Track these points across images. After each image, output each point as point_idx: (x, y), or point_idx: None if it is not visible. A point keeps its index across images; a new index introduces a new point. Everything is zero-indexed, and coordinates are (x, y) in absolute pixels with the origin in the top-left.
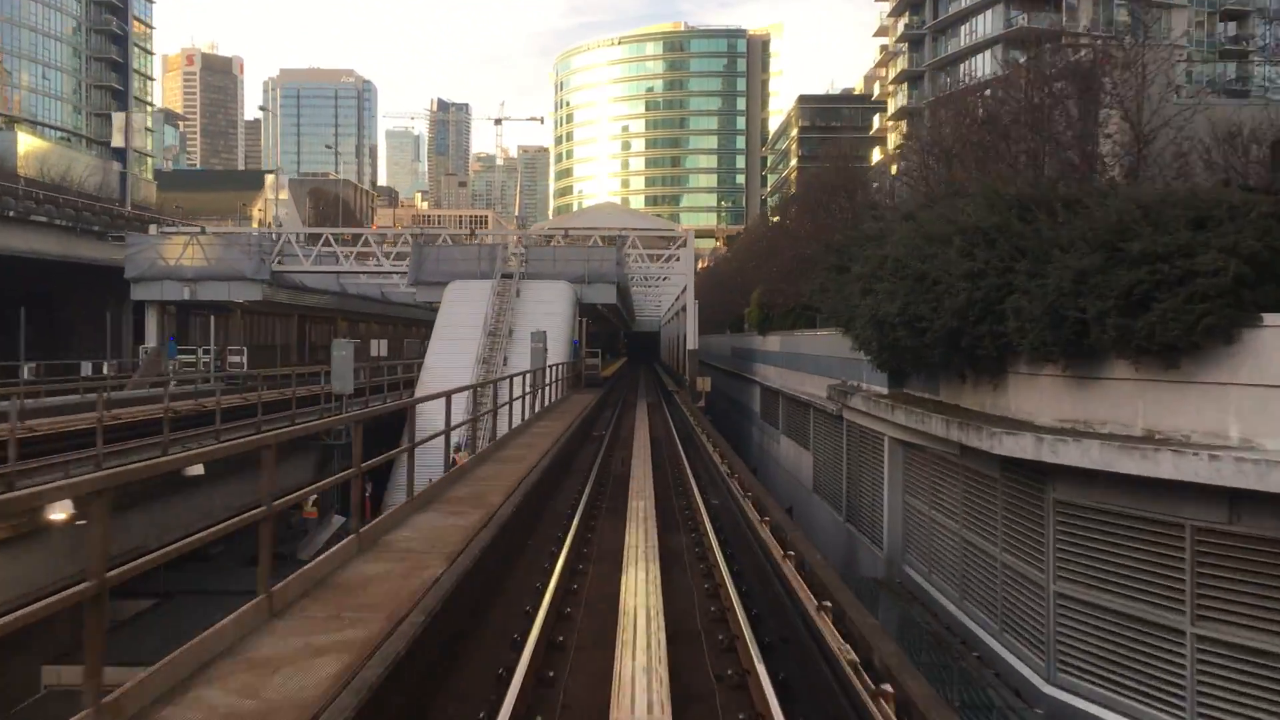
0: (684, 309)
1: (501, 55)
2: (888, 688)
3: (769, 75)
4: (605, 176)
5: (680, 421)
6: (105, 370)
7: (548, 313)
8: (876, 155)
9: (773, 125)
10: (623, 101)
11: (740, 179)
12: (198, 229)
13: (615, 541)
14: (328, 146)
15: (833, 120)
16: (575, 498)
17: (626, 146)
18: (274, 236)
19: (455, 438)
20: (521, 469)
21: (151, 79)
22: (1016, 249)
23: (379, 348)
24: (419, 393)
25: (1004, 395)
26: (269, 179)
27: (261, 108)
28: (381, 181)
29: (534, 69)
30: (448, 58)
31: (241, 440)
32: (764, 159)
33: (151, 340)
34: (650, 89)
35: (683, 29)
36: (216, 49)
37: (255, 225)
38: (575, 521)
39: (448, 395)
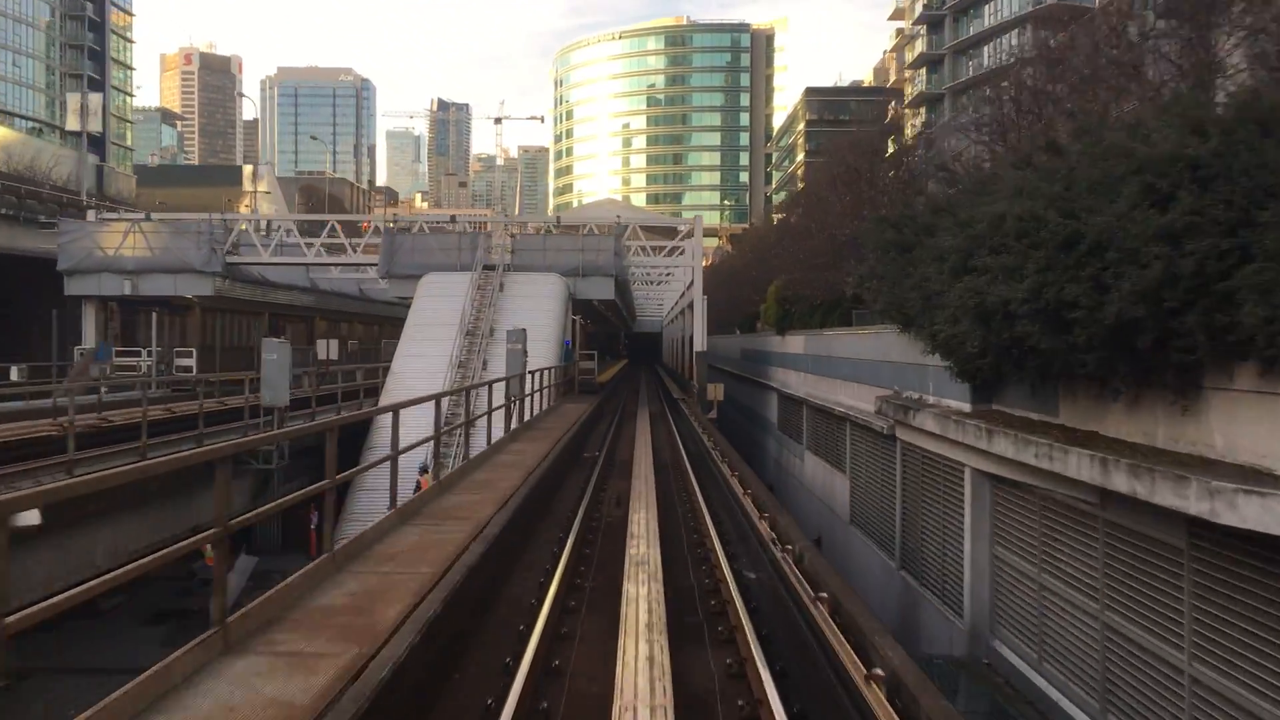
0: (690, 306)
1: (502, 56)
2: None
3: (773, 71)
4: (605, 174)
5: (690, 439)
6: (30, 374)
7: (535, 309)
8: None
9: (777, 121)
10: (624, 98)
11: (744, 177)
12: (141, 215)
13: (600, 681)
14: (313, 138)
15: (841, 114)
16: (544, 574)
17: (628, 144)
18: (226, 224)
19: (421, 456)
20: (461, 536)
21: (131, 69)
22: (1258, 190)
23: (328, 349)
24: (383, 402)
25: (1198, 423)
26: (246, 169)
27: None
28: (381, 181)
29: (534, 70)
30: (448, 59)
31: (113, 471)
32: (768, 156)
33: (89, 341)
34: (652, 85)
35: (685, 23)
36: (215, 48)
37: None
38: (535, 636)
39: (395, 409)
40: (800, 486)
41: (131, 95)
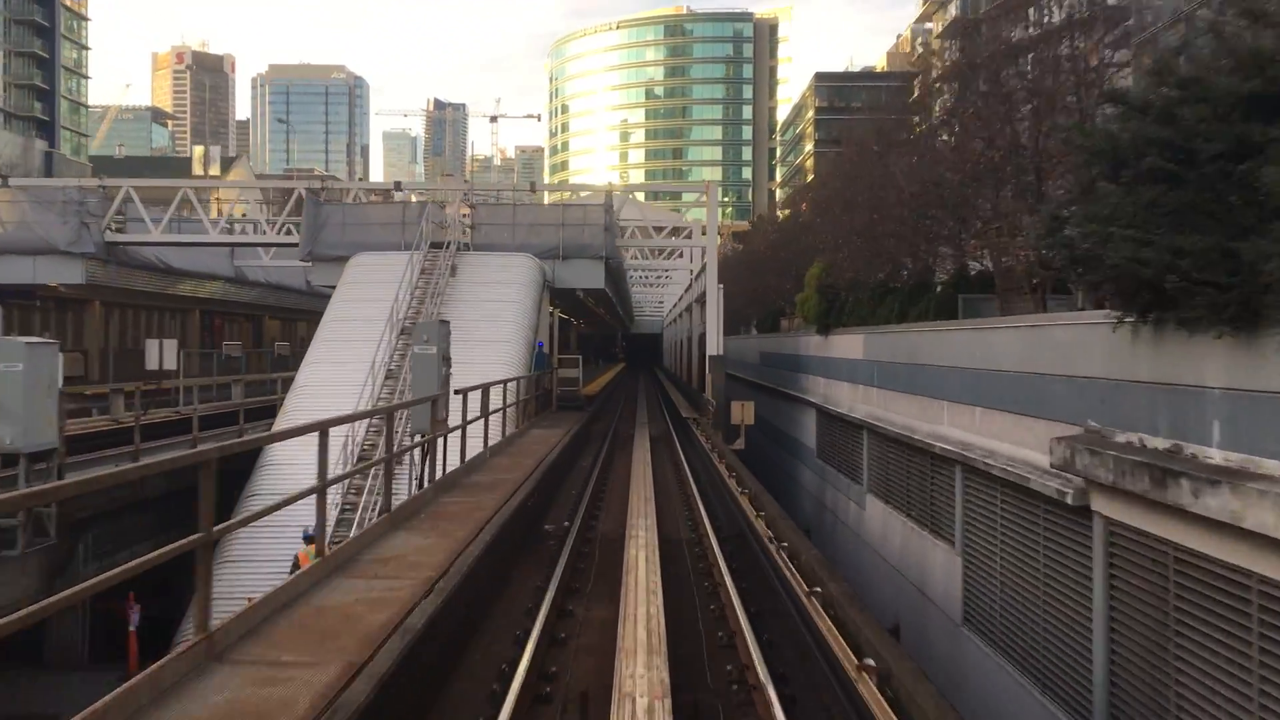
0: (699, 300)
1: (501, 58)
2: None
3: (777, 62)
4: (603, 169)
5: (715, 493)
6: None
7: (497, 299)
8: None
9: (781, 115)
10: (621, 90)
11: (747, 173)
12: None
13: None
14: (282, 121)
15: (853, 100)
16: None
17: (625, 138)
18: (105, 192)
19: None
20: None
21: (87, 48)
22: None
23: (160, 353)
24: (279, 425)
25: None
26: (197, 151)
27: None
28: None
29: (533, 70)
30: (446, 61)
31: None
32: (771, 150)
33: None
34: (650, 77)
35: (685, 13)
36: (208, 46)
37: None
38: None
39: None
40: (857, 540)
41: (87, 77)
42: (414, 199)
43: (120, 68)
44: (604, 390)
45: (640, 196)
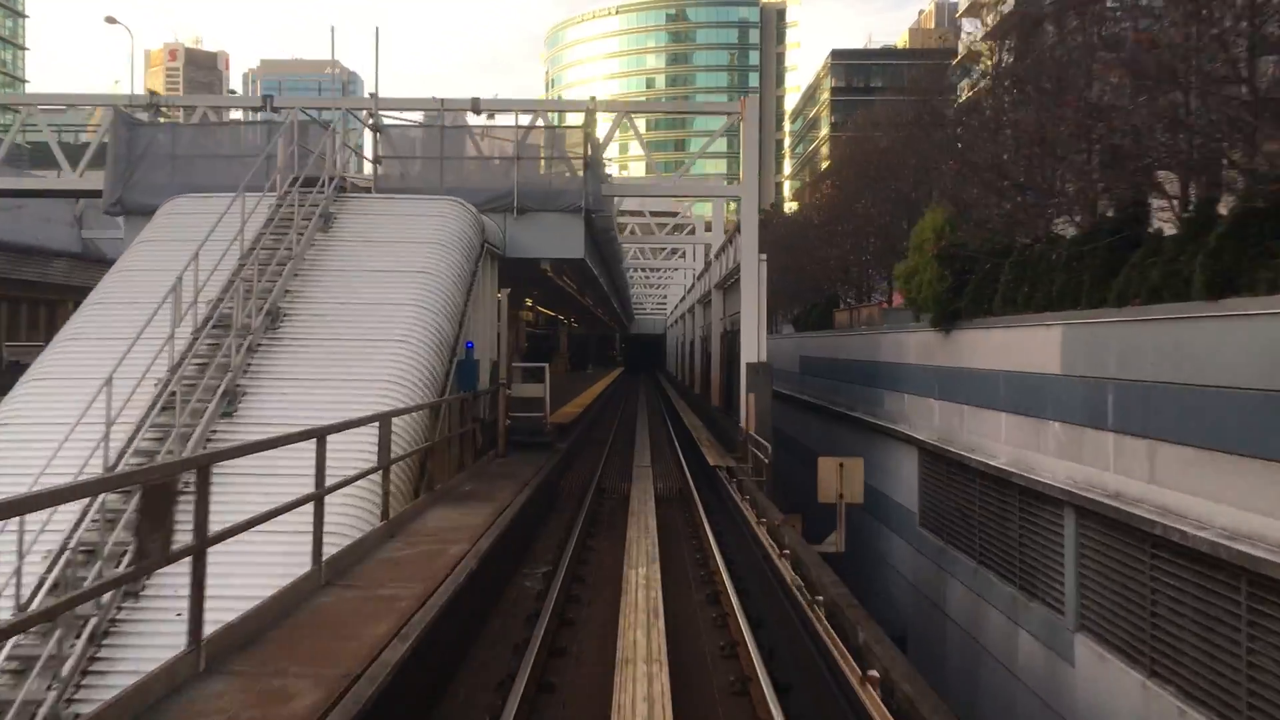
0: (721, 285)
1: (500, 59)
2: None
3: (785, 49)
4: None
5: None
6: None
7: (393, 269)
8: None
9: (789, 105)
10: (620, 79)
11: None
12: None
13: None
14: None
15: (873, 80)
16: None
17: (625, 129)
18: None
19: None
20: None
21: (23, 15)
22: None
23: None
24: None
25: None
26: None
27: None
28: None
29: (532, 72)
30: (446, 62)
31: None
32: (779, 143)
33: None
34: (651, 65)
35: None
36: (201, 44)
37: None
38: None
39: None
40: (1045, 706)
41: (24, 49)
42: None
43: (111, 66)
44: (589, 410)
45: (641, 126)
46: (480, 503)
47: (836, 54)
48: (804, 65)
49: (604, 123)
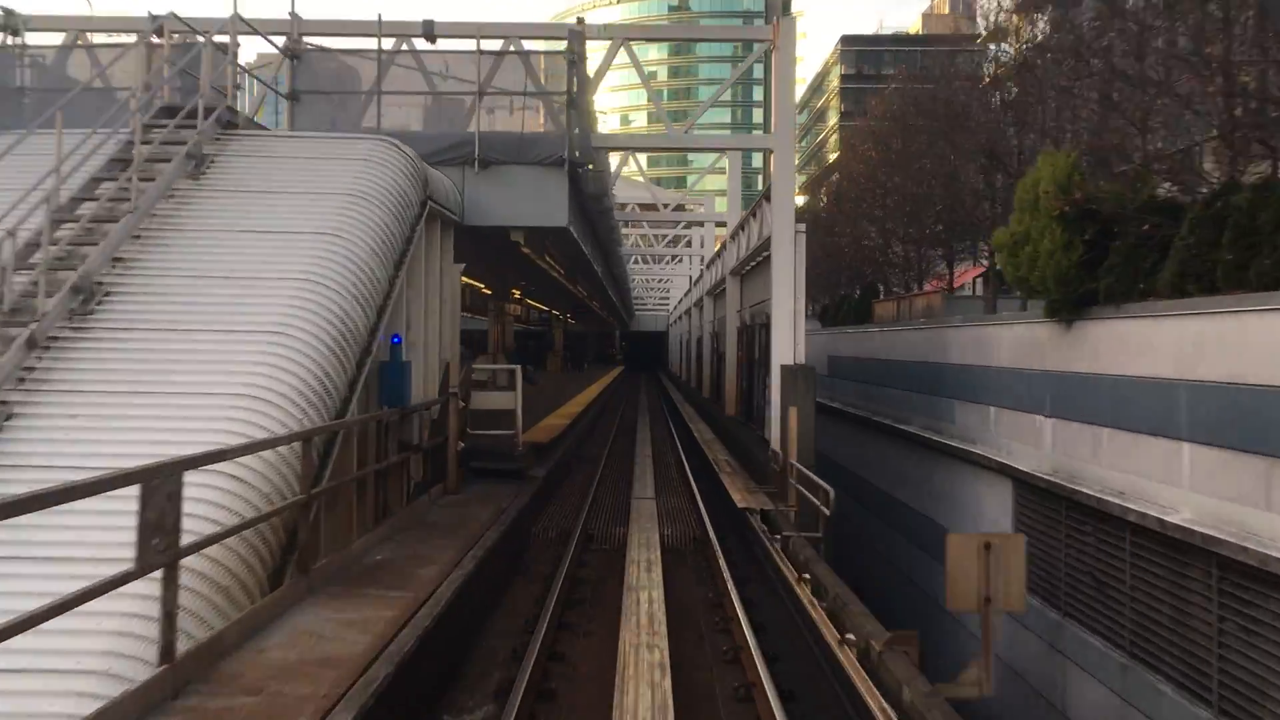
0: (738, 271)
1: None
2: None
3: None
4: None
5: None
6: None
7: (285, 230)
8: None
9: (796, 98)
10: (619, 69)
11: (757, 160)
12: None
13: None
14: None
15: (885, 67)
16: None
17: (625, 121)
18: None
19: None
20: None
21: None
22: None
23: None
24: None
25: None
26: None
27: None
28: None
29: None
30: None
31: None
32: None
33: None
34: (653, 57)
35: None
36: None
37: None
38: None
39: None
40: None
41: None
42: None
43: None
44: (582, 418)
45: (650, 55)
46: (387, 588)
47: (847, 39)
48: (810, 57)
49: (596, 57)
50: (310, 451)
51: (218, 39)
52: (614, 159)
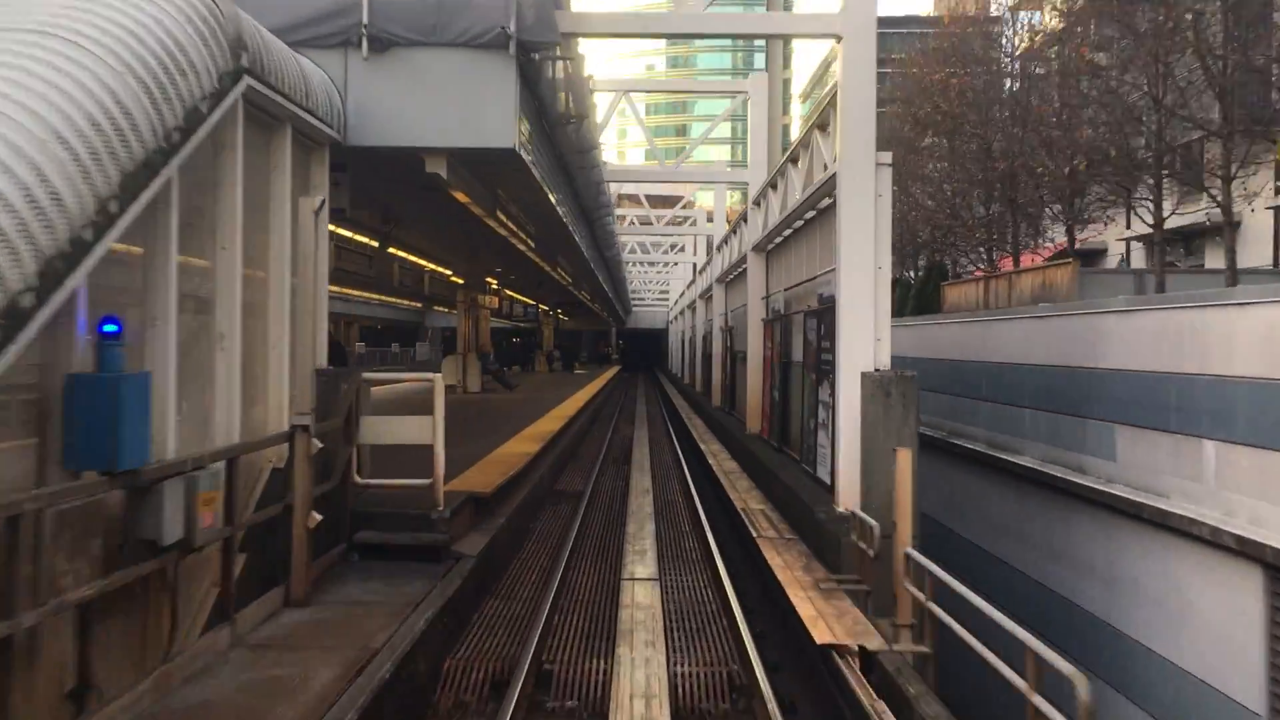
0: (761, 248)
1: None
2: None
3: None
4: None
5: None
6: None
7: None
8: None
9: (796, 88)
10: (618, 60)
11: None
12: None
13: None
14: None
15: (893, 52)
16: None
17: (622, 113)
18: None
19: None
20: None
21: None
22: None
23: None
24: None
25: None
26: None
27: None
28: None
29: None
30: None
31: None
32: (785, 128)
33: None
34: (651, 46)
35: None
36: None
37: None
38: None
39: None
40: None
41: None
42: None
43: None
44: (563, 436)
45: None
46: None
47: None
48: (814, 48)
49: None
50: None
51: None
52: (603, 101)
